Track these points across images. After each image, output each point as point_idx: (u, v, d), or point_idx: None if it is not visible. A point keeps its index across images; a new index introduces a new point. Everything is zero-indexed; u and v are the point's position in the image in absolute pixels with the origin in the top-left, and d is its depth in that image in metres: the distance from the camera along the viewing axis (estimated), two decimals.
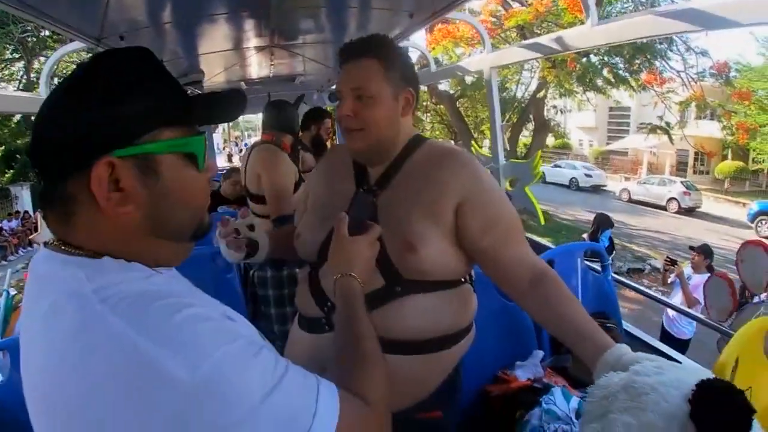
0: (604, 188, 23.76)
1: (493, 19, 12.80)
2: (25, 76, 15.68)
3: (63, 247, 0.66)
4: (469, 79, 15.49)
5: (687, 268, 5.13)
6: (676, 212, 19.18)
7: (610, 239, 6.43)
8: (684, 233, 15.55)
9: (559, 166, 25.52)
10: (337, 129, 3.35)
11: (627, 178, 24.79)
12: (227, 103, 0.78)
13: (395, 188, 1.27)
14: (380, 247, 1.17)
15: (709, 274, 4.78)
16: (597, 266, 2.58)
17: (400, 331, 1.20)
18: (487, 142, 19.97)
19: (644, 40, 9.07)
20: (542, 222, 4.35)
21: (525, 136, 19.30)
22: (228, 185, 4.26)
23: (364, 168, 1.34)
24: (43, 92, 3.04)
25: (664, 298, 2.98)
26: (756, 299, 3.09)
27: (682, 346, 4.68)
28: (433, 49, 11.90)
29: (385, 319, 1.19)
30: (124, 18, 2.32)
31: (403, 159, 1.30)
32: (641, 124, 19.71)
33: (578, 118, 29.93)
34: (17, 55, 15.60)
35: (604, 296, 2.44)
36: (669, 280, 5.22)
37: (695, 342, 4.91)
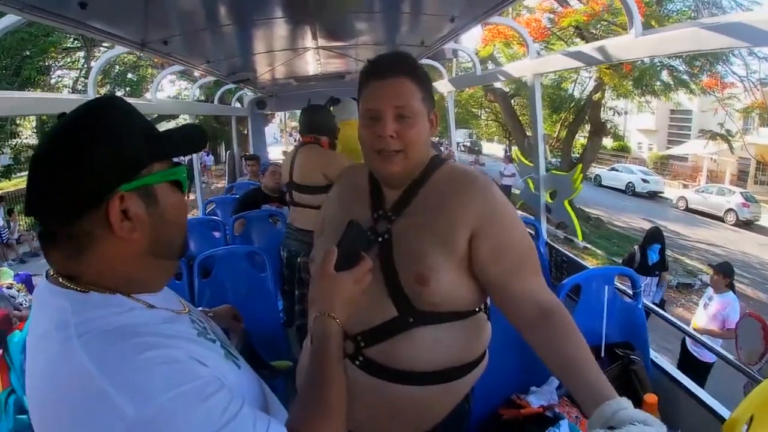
0: (661, 195, 22.88)
1: (551, 16, 12.46)
2: (85, 64, 16.35)
3: (60, 280, 0.76)
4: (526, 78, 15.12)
5: (709, 289, 5.02)
6: (733, 224, 18.19)
7: (661, 254, 6.18)
8: (739, 247, 14.82)
9: (616, 170, 24.84)
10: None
11: (685, 186, 23.85)
12: (196, 136, 0.89)
13: (410, 215, 1.25)
14: (394, 277, 1.18)
15: (730, 293, 4.71)
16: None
17: (411, 363, 1.19)
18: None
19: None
20: (580, 239, 4.26)
21: (583, 137, 18.73)
22: (269, 177, 4.36)
23: (380, 191, 1.31)
24: (90, 93, 3.19)
25: (693, 332, 2.75)
26: None
27: (704, 369, 4.58)
28: (484, 47, 11.70)
29: (396, 350, 1.19)
30: (165, 25, 2.40)
31: (420, 183, 1.27)
32: (702, 129, 18.79)
33: (638, 121, 29.00)
34: (78, 44, 16.24)
35: (632, 325, 2.33)
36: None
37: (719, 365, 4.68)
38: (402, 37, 3.45)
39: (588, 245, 13.13)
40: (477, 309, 1.29)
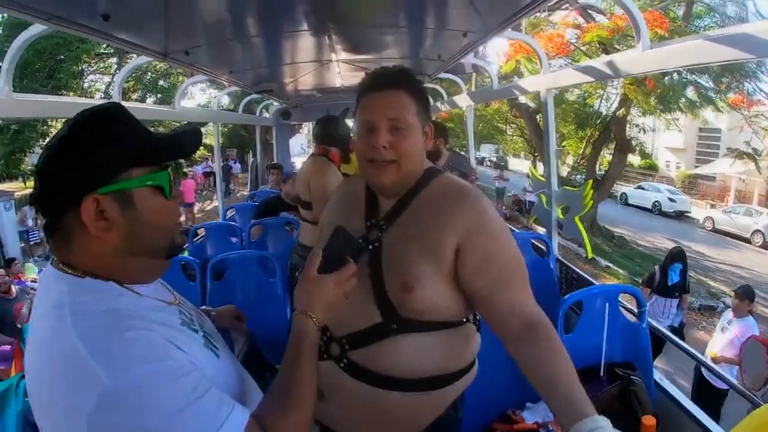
0: (688, 215, 22.34)
1: (576, 32, 12.39)
2: (117, 70, 16.76)
3: (61, 266, 0.85)
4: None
5: (728, 312, 4.87)
6: (760, 246, 17.64)
7: (682, 275, 6.04)
8: (765, 270, 14.36)
9: (643, 188, 24.36)
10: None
11: (713, 206, 23.22)
12: (185, 141, 0.95)
13: (401, 225, 1.27)
14: (380, 284, 1.20)
15: (750, 318, 4.54)
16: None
17: (394, 368, 1.21)
18: (570, 159, 19.38)
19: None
20: (589, 255, 4.20)
21: (610, 154, 18.47)
22: (289, 186, 4.44)
23: (375, 200, 1.35)
24: (116, 99, 3.31)
25: (703, 358, 2.69)
26: None
27: (719, 396, 4.39)
28: (507, 63, 11.69)
29: (379, 354, 1.21)
30: (186, 36, 2.48)
31: (414, 194, 1.29)
32: (729, 148, 18.35)
33: (666, 138, 28.47)
34: (111, 51, 16.67)
35: (635, 345, 2.31)
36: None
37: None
38: (420, 52, 3.49)
39: (610, 264, 12.95)
40: (464, 320, 1.30)
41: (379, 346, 1.22)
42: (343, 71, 4.21)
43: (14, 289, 5.74)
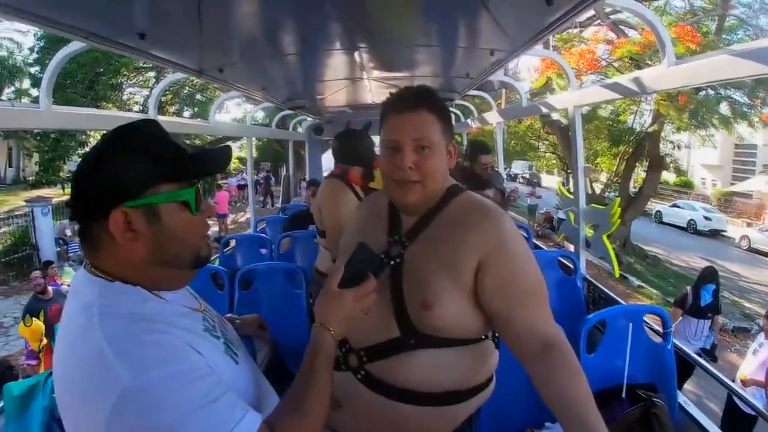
0: (724, 234, 21.76)
1: (607, 47, 12.26)
2: (155, 84, 17.22)
3: (92, 269, 0.90)
4: (584, 109, 14.81)
5: (761, 335, 4.74)
6: None
7: (714, 295, 5.88)
8: None
9: (678, 206, 23.91)
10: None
11: (749, 224, 22.60)
12: (213, 160, 0.98)
13: (423, 241, 1.29)
14: (400, 299, 1.22)
15: None
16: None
17: (410, 382, 1.23)
18: (603, 177, 19.06)
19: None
20: (616, 274, 4.13)
21: (644, 171, 18.08)
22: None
23: (398, 216, 1.37)
24: (152, 114, 3.43)
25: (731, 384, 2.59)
26: None
27: (749, 421, 4.25)
28: (538, 79, 11.62)
29: (396, 368, 1.23)
30: (220, 54, 2.56)
31: (436, 211, 1.31)
32: (766, 165, 17.80)
33: (702, 155, 27.88)
34: (149, 65, 17.14)
35: (659, 366, 2.26)
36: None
37: None
38: (448, 69, 3.51)
39: (643, 284, 12.66)
40: (483, 336, 1.31)
41: (396, 359, 1.24)
42: (375, 88, 4.24)
43: (50, 290, 5.95)
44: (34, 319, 5.35)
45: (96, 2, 1.54)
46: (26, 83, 19.58)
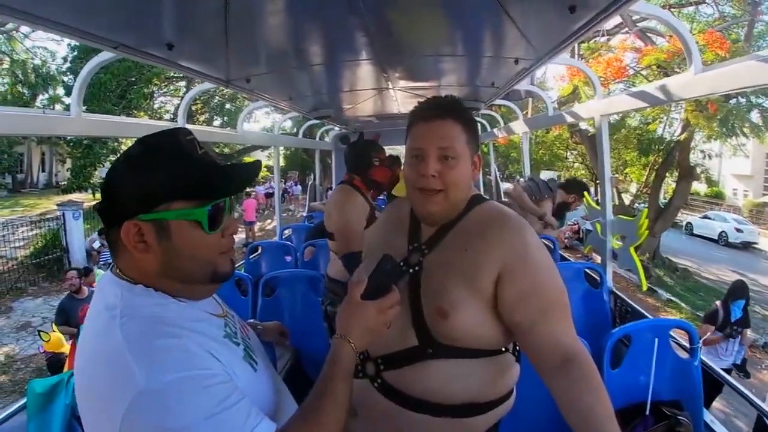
0: (755, 246, 21.22)
1: (635, 55, 12.09)
2: (186, 93, 17.59)
3: (117, 272, 0.94)
4: (612, 118, 14.64)
5: None
6: None
7: (744, 310, 5.73)
8: None
9: (709, 218, 23.48)
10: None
11: None
12: (237, 177, 0.99)
13: (442, 251, 1.28)
14: (418, 308, 1.22)
15: None
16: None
17: (426, 392, 1.22)
18: (632, 187, 18.70)
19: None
20: (644, 287, 4.02)
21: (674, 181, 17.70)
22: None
23: (419, 224, 1.36)
24: (180, 123, 3.50)
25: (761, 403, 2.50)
26: None
27: None
28: (564, 87, 11.51)
29: (413, 377, 1.23)
30: (247, 65, 2.60)
31: (457, 220, 1.31)
32: None
33: (733, 165, 27.24)
34: (180, 75, 17.52)
35: (685, 383, 2.20)
36: None
37: None
38: (474, 79, 3.50)
39: (672, 298, 12.36)
40: (503, 349, 1.29)
41: (413, 368, 1.23)
42: (401, 98, 4.25)
43: (86, 290, 6.21)
44: (50, 333, 5.67)
45: (125, 14, 1.58)
46: (60, 91, 20.23)
